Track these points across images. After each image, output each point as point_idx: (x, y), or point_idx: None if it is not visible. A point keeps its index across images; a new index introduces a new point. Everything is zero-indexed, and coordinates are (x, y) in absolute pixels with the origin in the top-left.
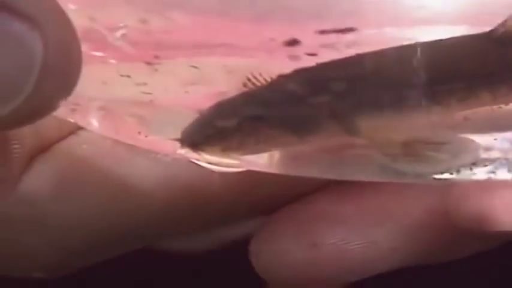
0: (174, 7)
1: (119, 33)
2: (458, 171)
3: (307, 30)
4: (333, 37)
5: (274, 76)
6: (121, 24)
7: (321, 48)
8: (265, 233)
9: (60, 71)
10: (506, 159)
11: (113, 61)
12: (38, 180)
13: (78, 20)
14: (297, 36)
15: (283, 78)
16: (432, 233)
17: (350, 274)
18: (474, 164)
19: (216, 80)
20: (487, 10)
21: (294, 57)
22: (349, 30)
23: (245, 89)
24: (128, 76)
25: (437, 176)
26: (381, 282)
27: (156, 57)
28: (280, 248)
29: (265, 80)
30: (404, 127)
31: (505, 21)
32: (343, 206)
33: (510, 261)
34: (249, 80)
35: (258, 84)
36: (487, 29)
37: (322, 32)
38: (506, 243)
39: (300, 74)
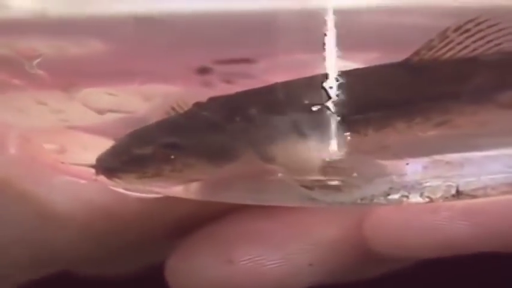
0: (90, 35)
1: (35, 62)
2: (372, 197)
3: (220, 58)
4: (246, 65)
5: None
6: (37, 53)
7: (236, 76)
8: (182, 251)
9: None
10: (419, 183)
11: (30, 89)
12: None
13: None
14: (211, 64)
15: (198, 105)
16: (347, 250)
17: None
18: (389, 189)
19: (133, 107)
20: (400, 38)
21: (208, 85)
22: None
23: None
24: (45, 104)
25: (352, 203)
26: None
27: (73, 84)
28: (196, 265)
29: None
30: (321, 155)
31: (419, 50)
32: (259, 223)
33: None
34: (173, 108)
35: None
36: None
37: (235, 61)
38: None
39: (215, 102)
